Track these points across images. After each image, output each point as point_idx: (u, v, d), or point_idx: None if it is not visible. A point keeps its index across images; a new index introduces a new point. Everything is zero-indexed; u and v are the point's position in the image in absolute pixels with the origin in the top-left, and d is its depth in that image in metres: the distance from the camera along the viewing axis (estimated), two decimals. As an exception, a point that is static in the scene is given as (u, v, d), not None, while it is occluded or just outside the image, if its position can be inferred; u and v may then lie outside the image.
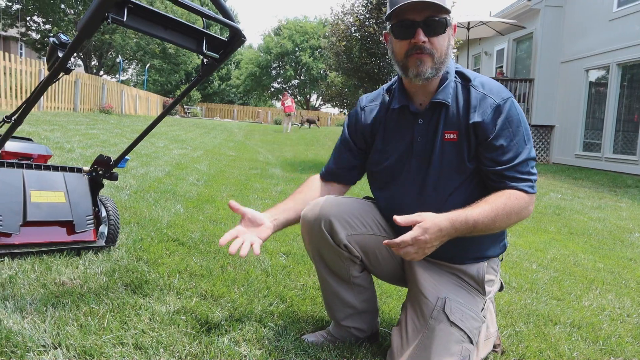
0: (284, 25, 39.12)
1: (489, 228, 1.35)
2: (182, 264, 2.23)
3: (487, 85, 1.43)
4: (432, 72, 1.39)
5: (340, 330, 1.62)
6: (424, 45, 1.36)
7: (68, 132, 7.49)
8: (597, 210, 5.78)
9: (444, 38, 1.38)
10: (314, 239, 1.53)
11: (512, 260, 3.12)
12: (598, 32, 10.68)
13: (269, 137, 14.44)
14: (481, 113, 1.39)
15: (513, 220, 1.37)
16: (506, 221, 1.36)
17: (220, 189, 4.57)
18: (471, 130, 1.40)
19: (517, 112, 1.41)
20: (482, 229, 1.34)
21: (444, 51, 1.39)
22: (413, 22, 1.35)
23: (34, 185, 2.17)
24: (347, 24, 8.75)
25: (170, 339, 1.49)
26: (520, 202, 1.37)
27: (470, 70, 1.51)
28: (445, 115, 1.43)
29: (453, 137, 1.41)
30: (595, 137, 10.94)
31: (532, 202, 1.41)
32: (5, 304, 1.58)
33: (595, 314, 2.23)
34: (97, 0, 1.31)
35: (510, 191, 1.38)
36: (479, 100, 1.40)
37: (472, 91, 1.42)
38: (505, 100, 1.40)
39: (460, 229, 1.31)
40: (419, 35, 1.35)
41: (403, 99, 1.49)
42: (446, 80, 1.44)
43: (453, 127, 1.42)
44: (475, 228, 1.32)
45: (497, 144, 1.38)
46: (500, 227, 1.38)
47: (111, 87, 16.61)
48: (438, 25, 1.36)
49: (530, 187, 1.40)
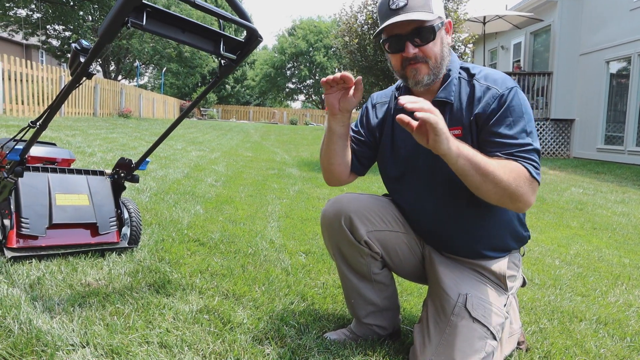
0: (298, 26, 39.20)
1: (484, 175, 1.23)
2: (204, 264, 2.26)
3: (491, 76, 1.41)
4: (430, 78, 1.41)
5: (362, 327, 1.62)
6: (416, 55, 1.38)
7: (89, 137, 7.64)
8: (621, 205, 5.66)
9: (435, 43, 1.38)
10: (334, 235, 1.54)
11: (535, 257, 3.08)
12: (618, 23, 10.44)
13: (285, 138, 14.48)
14: (484, 104, 1.37)
15: (507, 187, 1.24)
16: (501, 183, 1.24)
17: (238, 190, 4.61)
18: (473, 123, 1.39)
19: (521, 102, 1.36)
20: (478, 171, 1.23)
21: (438, 55, 1.39)
22: (401, 36, 1.37)
23: (58, 189, 2.22)
24: (360, 22, 8.72)
25: (194, 337, 1.51)
26: (521, 175, 1.26)
27: (476, 65, 1.49)
28: (450, 112, 1.43)
29: (458, 133, 1.40)
30: (617, 130, 10.69)
31: (533, 188, 1.29)
32: (35, 304, 1.62)
33: (622, 310, 2.19)
34: (117, 5, 1.33)
35: (514, 162, 1.29)
36: (482, 92, 1.39)
37: (476, 85, 1.41)
38: (509, 89, 1.37)
39: (459, 146, 1.21)
40: (408, 49, 1.37)
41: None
42: (449, 78, 1.44)
43: (457, 123, 1.41)
44: (472, 161, 1.22)
45: (496, 131, 1.34)
46: (495, 187, 1.24)
47: (129, 91, 16.87)
48: (426, 34, 1.36)
49: (534, 169, 1.29)
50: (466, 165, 1.22)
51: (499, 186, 1.24)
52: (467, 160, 1.21)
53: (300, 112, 35.46)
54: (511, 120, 1.34)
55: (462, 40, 9.08)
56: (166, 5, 21.46)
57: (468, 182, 1.26)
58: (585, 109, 11.55)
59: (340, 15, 9.43)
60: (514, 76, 12.14)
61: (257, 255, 2.50)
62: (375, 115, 1.62)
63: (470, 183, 1.26)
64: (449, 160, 1.22)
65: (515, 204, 1.29)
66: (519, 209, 1.32)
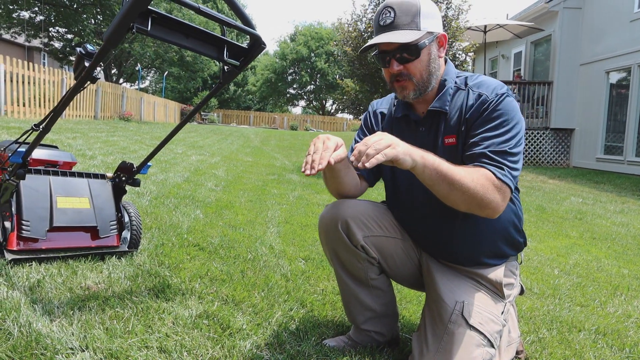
0: (300, 32, 39.37)
1: (451, 184, 1.24)
2: (203, 269, 2.26)
3: (484, 84, 1.44)
4: (415, 94, 1.44)
5: (361, 334, 1.62)
6: (401, 72, 1.41)
7: (89, 140, 7.65)
8: (620, 215, 5.66)
9: (421, 61, 1.40)
10: (330, 239, 1.55)
11: (534, 266, 3.08)
12: (618, 34, 10.50)
13: (285, 143, 14.50)
14: (474, 110, 1.40)
15: (474, 195, 1.25)
16: (469, 191, 1.24)
17: (238, 195, 4.62)
18: (464, 129, 1.41)
19: (508, 108, 1.36)
20: (444, 180, 1.24)
21: (423, 72, 1.42)
22: (386, 52, 1.41)
23: (60, 192, 2.22)
24: (359, 31, 8.76)
25: (194, 342, 1.51)
26: (488, 181, 1.26)
27: (473, 73, 1.52)
28: (445, 121, 1.45)
29: (452, 141, 1.43)
30: (617, 140, 10.72)
31: (503, 192, 1.28)
32: (34, 307, 1.62)
33: (621, 320, 2.19)
34: (122, 11, 1.35)
35: (481, 168, 1.29)
36: (475, 99, 1.41)
37: (469, 93, 1.44)
38: (498, 95, 1.38)
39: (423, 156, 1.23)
40: (393, 66, 1.41)
41: (404, 109, 1.55)
42: (444, 88, 1.47)
43: (452, 131, 1.44)
44: (437, 170, 1.23)
45: (476, 132, 1.36)
46: (463, 195, 1.25)
47: (130, 94, 16.91)
48: (409, 53, 1.39)
49: (502, 173, 1.28)
50: (432, 174, 1.24)
51: (466, 194, 1.25)
52: (433, 170, 1.24)
53: (301, 117, 35.53)
54: (494, 124, 1.35)
55: (462, 49, 9.13)
56: (168, 10, 21.55)
57: (435, 191, 1.29)
58: (585, 119, 11.59)
59: (339, 22, 9.45)
60: (514, 85, 12.19)
61: (257, 261, 2.50)
62: (377, 122, 1.65)
63: (437, 192, 1.28)
64: (416, 173, 1.25)
65: (484, 211, 1.30)
66: (489, 216, 1.32)
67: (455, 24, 8.50)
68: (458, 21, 8.64)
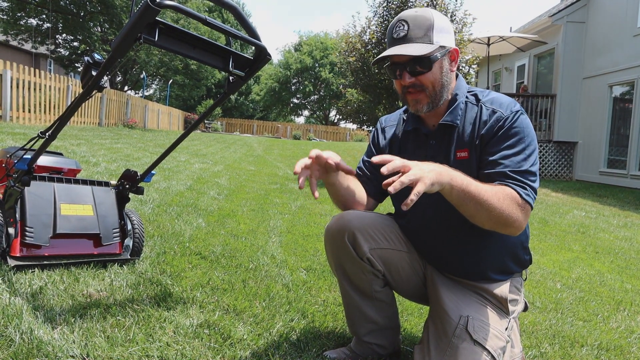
0: (304, 41, 39.64)
1: (479, 204, 1.24)
2: (205, 278, 2.26)
3: (497, 100, 1.45)
4: (428, 107, 1.45)
5: (362, 346, 1.62)
6: (413, 83, 1.42)
7: (93, 147, 7.68)
8: (624, 229, 5.64)
9: (433, 73, 1.41)
10: (336, 251, 1.55)
11: (536, 280, 3.07)
12: (622, 48, 10.54)
13: (288, 152, 14.52)
14: (489, 126, 1.41)
15: (500, 214, 1.25)
16: (495, 210, 1.25)
17: (241, 204, 4.62)
18: (478, 145, 1.42)
19: (523, 126, 1.38)
20: (472, 200, 1.24)
21: (437, 84, 1.43)
22: (398, 64, 1.42)
23: (64, 199, 2.23)
24: (363, 42, 8.84)
25: (195, 352, 1.51)
26: (513, 201, 1.27)
27: (483, 89, 1.53)
28: (456, 135, 1.46)
29: (464, 155, 1.44)
30: (620, 153, 10.71)
31: (525, 211, 1.30)
32: (36, 314, 1.63)
33: (624, 336, 2.17)
34: (130, 22, 1.37)
35: (506, 187, 1.30)
36: (489, 115, 1.42)
37: (482, 108, 1.45)
38: (514, 112, 1.40)
39: (452, 179, 1.21)
40: (405, 78, 1.42)
41: (415, 122, 1.55)
42: (455, 102, 1.48)
43: (464, 145, 1.44)
44: (465, 191, 1.22)
45: (494, 150, 1.37)
46: (489, 214, 1.25)
47: (135, 102, 17.01)
48: (422, 65, 1.40)
49: (525, 193, 1.30)
50: (460, 195, 1.24)
51: (492, 213, 1.26)
52: (461, 191, 1.23)
53: (304, 127, 35.62)
54: (511, 142, 1.37)
55: (466, 61, 9.18)
56: (175, 20, 21.74)
57: (462, 210, 1.29)
58: (588, 132, 11.59)
59: (346, 32, 9.54)
60: (519, 98, 12.22)
61: (258, 271, 2.50)
62: (384, 137, 1.67)
63: (465, 211, 1.28)
64: (444, 194, 1.24)
65: (508, 229, 1.31)
66: (511, 233, 1.34)
67: (459, 37, 8.55)
68: (462, 34, 8.70)
